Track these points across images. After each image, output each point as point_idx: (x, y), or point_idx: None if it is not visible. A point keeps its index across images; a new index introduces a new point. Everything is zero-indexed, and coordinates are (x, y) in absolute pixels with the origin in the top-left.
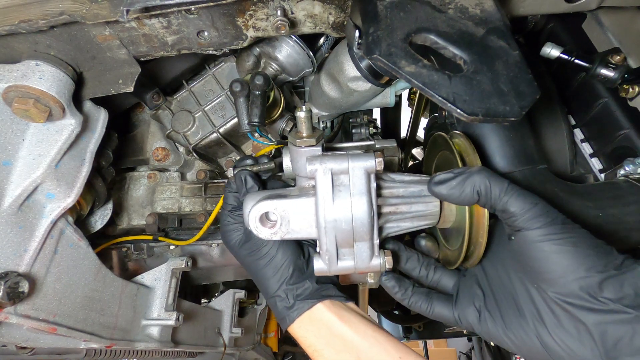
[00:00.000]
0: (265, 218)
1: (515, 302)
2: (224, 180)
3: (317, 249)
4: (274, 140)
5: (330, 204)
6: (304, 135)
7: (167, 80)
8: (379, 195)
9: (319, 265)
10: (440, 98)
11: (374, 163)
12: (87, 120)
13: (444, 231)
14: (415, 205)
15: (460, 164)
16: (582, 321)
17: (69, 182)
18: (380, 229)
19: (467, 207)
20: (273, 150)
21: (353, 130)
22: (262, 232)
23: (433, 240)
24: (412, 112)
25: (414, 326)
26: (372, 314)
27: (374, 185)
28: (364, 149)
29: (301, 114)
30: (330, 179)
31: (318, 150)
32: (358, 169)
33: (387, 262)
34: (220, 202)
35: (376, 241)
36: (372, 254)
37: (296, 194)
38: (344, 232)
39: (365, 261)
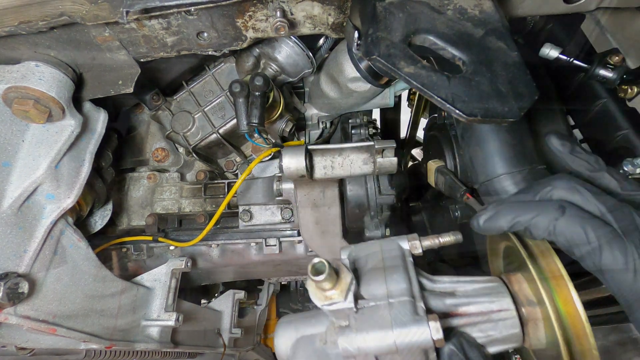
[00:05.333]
0: None
1: None
2: (223, 181)
3: None
4: (272, 141)
5: None
6: (326, 287)
7: (166, 81)
8: None
9: None
10: (439, 99)
11: (431, 341)
12: (86, 121)
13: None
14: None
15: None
16: None
17: (69, 183)
18: None
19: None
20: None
21: (352, 131)
22: None
23: None
24: (411, 113)
25: None
26: None
27: None
28: (364, 149)
29: (320, 265)
30: None
31: (350, 304)
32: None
33: None
34: (223, 206)
35: None
36: None
37: None
38: None
39: None
